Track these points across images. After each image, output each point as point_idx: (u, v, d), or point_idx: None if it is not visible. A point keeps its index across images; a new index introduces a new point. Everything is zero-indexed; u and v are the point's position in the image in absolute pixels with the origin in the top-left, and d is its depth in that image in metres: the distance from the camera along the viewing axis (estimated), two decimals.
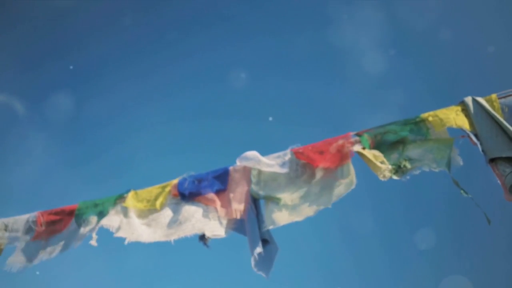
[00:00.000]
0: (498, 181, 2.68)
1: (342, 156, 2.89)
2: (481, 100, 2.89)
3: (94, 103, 8.39)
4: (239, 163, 3.14)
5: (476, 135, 2.78)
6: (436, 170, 2.71)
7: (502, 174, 2.62)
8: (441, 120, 2.84)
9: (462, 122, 2.82)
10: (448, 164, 2.69)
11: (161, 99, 8.53)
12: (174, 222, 3.01)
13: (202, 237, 2.99)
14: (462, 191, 2.62)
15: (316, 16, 7.90)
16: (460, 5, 7.11)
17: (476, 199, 2.62)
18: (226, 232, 2.93)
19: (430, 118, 2.87)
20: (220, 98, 8.50)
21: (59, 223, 3.25)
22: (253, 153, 3.07)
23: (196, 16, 8.34)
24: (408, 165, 2.76)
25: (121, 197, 3.23)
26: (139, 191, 3.26)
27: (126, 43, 8.50)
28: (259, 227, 2.88)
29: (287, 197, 2.90)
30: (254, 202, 3.01)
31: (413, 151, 2.83)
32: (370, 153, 2.84)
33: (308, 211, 2.78)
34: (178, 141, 8.26)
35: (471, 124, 2.82)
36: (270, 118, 7.24)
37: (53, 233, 3.22)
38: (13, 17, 7.81)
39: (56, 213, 3.30)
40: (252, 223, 2.88)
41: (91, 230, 3.08)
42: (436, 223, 6.84)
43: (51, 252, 3.13)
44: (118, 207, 3.16)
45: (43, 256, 3.15)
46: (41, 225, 3.24)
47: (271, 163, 3.01)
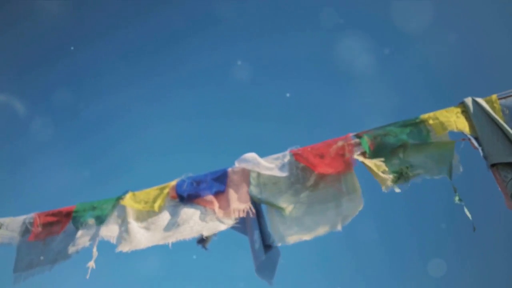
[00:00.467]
0: (499, 188, 2.63)
1: (343, 162, 2.87)
2: (481, 101, 2.84)
3: (93, 103, 8.39)
4: (237, 165, 3.11)
5: (477, 139, 2.74)
6: (437, 178, 2.69)
7: (503, 180, 2.57)
8: (441, 123, 2.81)
9: (463, 125, 2.78)
10: (450, 172, 2.66)
11: (161, 100, 8.52)
12: (172, 225, 2.99)
13: (201, 240, 2.99)
14: (456, 198, 2.60)
15: (315, 17, 7.88)
16: (459, 3, 7.09)
17: (477, 204, 2.60)
18: (226, 227, 2.90)
19: (431, 121, 2.84)
20: (219, 98, 8.50)
21: (56, 225, 3.23)
22: (252, 155, 3.04)
23: (195, 16, 8.33)
24: (410, 173, 2.74)
25: (119, 199, 3.22)
26: (137, 193, 3.24)
27: (126, 43, 8.50)
28: (261, 232, 2.87)
29: (291, 208, 2.87)
30: (255, 205, 2.98)
31: (414, 156, 2.80)
32: (371, 163, 2.81)
33: (317, 230, 2.76)
34: (177, 142, 8.25)
35: (471, 127, 2.78)
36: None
37: (50, 235, 3.20)
38: (13, 17, 7.80)
39: (53, 215, 3.28)
40: (253, 228, 2.86)
41: (91, 240, 3.04)
42: (440, 232, 6.82)
43: (51, 260, 3.11)
44: (116, 211, 3.15)
45: (43, 263, 3.12)
46: (37, 226, 3.22)
47: (270, 166, 2.98)
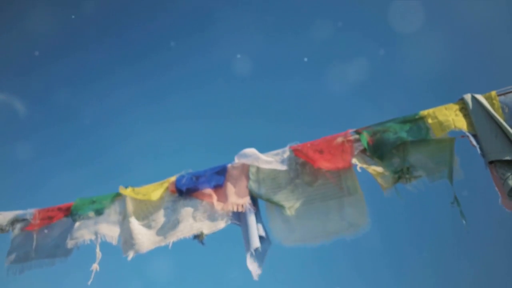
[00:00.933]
0: (495, 186, 2.63)
1: (342, 158, 2.87)
2: (480, 98, 2.83)
3: (93, 104, 8.40)
4: (237, 160, 3.12)
5: (475, 136, 2.74)
6: (438, 180, 2.70)
7: (501, 177, 2.57)
8: (440, 124, 2.80)
9: (462, 123, 2.78)
10: (450, 176, 2.67)
11: (161, 100, 8.53)
12: (172, 222, 3.01)
13: (197, 235, 2.99)
14: (452, 201, 2.61)
15: (313, 15, 7.90)
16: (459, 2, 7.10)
17: (476, 202, 2.59)
18: (224, 223, 2.92)
19: (430, 120, 2.83)
20: (219, 98, 8.50)
21: (54, 218, 3.26)
22: (251, 150, 3.05)
23: (195, 16, 8.35)
24: (410, 174, 2.74)
25: (118, 195, 3.22)
26: (137, 188, 3.25)
27: (125, 43, 8.51)
28: (257, 223, 2.87)
29: (291, 206, 2.88)
30: (253, 200, 2.99)
31: (414, 155, 2.80)
32: (370, 168, 2.82)
33: (321, 236, 2.78)
34: (177, 142, 8.25)
35: (470, 124, 2.77)
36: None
37: (47, 225, 3.24)
38: (13, 17, 7.82)
39: (52, 210, 3.31)
40: (250, 221, 2.86)
41: (90, 233, 3.05)
42: (441, 235, 6.81)
43: (49, 254, 3.11)
44: (116, 204, 3.16)
45: (40, 256, 3.13)
46: (36, 219, 3.24)
47: (269, 160, 2.99)
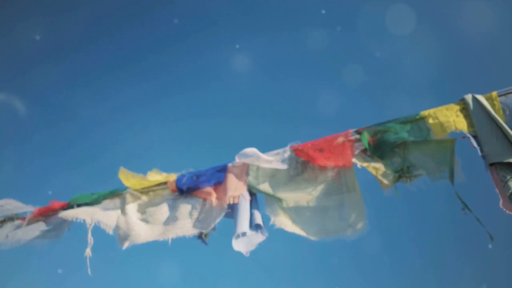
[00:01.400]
0: (496, 189, 2.61)
1: (343, 157, 2.87)
2: (481, 98, 2.83)
3: (93, 103, 8.39)
4: (238, 160, 3.13)
5: (476, 137, 2.73)
6: (439, 181, 2.69)
7: (501, 180, 2.56)
8: (441, 125, 2.80)
9: (462, 125, 2.78)
10: (451, 177, 2.66)
11: (161, 100, 8.51)
12: (171, 219, 3.00)
13: (200, 235, 3.00)
14: (464, 207, 2.58)
15: (313, 15, 7.90)
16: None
17: (477, 204, 2.58)
18: (220, 218, 2.91)
19: (431, 121, 2.83)
20: (218, 97, 8.49)
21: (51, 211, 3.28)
22: (252, 150, 3.05)
23: (194, 16, 8.34)
24: (411, 173, 2.74)
25: (119, 193, 3.22)
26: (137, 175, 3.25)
27: (126, 43, 8.50)
28: (253, 210, 2.88)
29: (290, 198, 2.88)
30: (251, 194, 3.00)
31: (414, 155, 2.80)
32: (370, 166, 2.82)
33: (317, 231, 2.76)
34: (177, 142, 8.24)
35: (471, 125, 2.77)
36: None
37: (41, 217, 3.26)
38: (13, 16, 7.82)
39: (51, 207, 3.33)
40: (242, 206, 2.87)
41: (86, 215, 3.03)
42: (441, 235, 6.81)
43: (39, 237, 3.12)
44: (115, 198, 3.16)
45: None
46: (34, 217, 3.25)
47: (270, 159, 3.00)
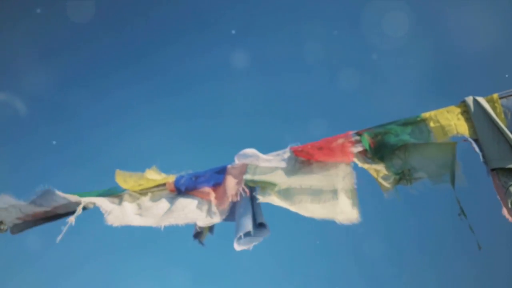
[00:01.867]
0: (497, 195, 2.60)
1: (342, 154, 2.86)
2: (482, 101, 2.81)
3: (94, 103, 8.39)
4: (237, 160, 3.12)
5: (477, 141, 2.71)
6: (439, 184, 2.67)
7: (503, 185, 2.53)
8: (442, 128, 2.78)
9: (464, 128, 2.76)
10: (452, 180, 2.64)
11: (161, 99, 8.53)
12: (166, 211, 3.00)
13: (198, 234, 3.00)
14: (460, 213, 2.56)
15: (314, 14, 7.90)
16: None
17: (478, 208, 2.56)
18: (220, 219, 2.90)
19: (432, 124, 2.81)
20: (219, 97, 8.49)
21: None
22: (251, 150, 3.06)
23: (194, 16, 8.35)
24: (411, 176, 2.73)
25: (117, 194, 3.21)
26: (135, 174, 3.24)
27: (126, 43, 8.51)
28: (253, 211, 2.87)
29: (283, 183, 2.87)
30: (250, 189, 2.98)
31: (415, 158, 2.78)
32: (371, 168, 2.80)
33: (308, 208, 2.72)
34: (177, 141, 8.24)
35: (472, 129, 2.75)
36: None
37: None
38: (14, 16, 7.83)
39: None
40: (244, 206, 2.87)
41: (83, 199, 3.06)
42: (441, 235, 6.80)
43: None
44: (114, 198, 3.16)
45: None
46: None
47: (269, 159, 3.01)
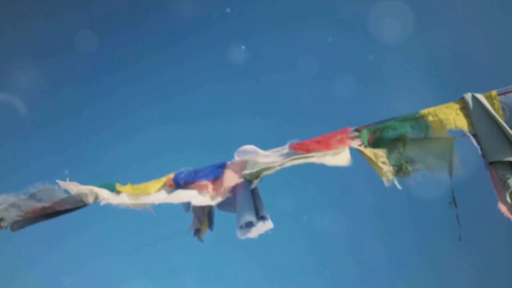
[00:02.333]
0: (494, 188, 2.63)
1: (340, 144, 2.89)
2: (481, 97, 2.84)
3: (94, 103, 8.40)
4: (237, 157, 3.14)
5: (475, 136, 2.74)
6: (437, 173, 2.70)
7: (501, 178, 2.56)
8: (441, 121, 2.81)
9: (462, 123, 2.79)
10: (450, 170, 2.67)
11: (161, 99, 8.54)
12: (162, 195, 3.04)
13: (197, 231, 3.02)
14: (452, 201, 2.61)
15: (312, 13, 7.93)
16: None
17: (476, 201, 2.59)
18: (215, 202, 2.94)
19: (430, 118, 2.83)
20: (219, 97, 8.50)
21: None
22: (251, 147, 3.08)
23: (194, 16, 8.37)
24: (409, 167, 2.75)
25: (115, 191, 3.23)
26: (135, 185, 3.25)
27: (127, 43, 8.53)
28: (255, 203, 2.89)
29: (276, 164, 2.91)
30: (250, 184, 2.99)
31: (413, 151, 2.80)
32: (371, 152, 2.81)
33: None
34: (178, 141, 8.26)
35: (470, 123, 2.78)
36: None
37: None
38: (14, 15, 7.85)
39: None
40: (244, 196, 2.90)
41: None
42: (441, 235, 6.81)
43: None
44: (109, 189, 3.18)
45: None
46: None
47: (268, 154, 3.03)
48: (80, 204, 3.21)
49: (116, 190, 3.17)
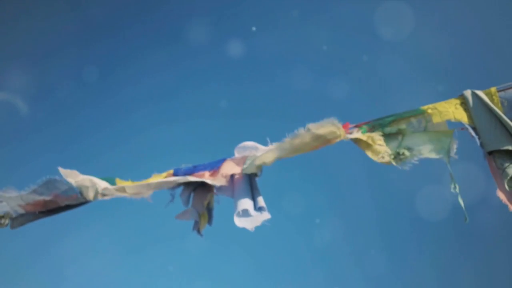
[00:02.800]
0: (492, 176, 2.68)
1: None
2: (480, 93, 2.87)
3: (95, 103, 8.41)
4: (237, 154, 3.14)
5: (474, 129, 2.78)
6: (435, 158, 2.71)
7: (499, 167, 2.61)
8: (440, 112, 2.85)
9: (461, 115, 2.83)
10: (447, 153, 2.70)
11: (161, 99, 8.55)
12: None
13: (196, 225, 3.02)
14: (452, 185, 2.63)
15: (310, 12, 7.94)
16: None
17: (476, 201, 2.60)
18: (212, 183, 2.95)
19: (429, 111, 2.87)
20: (219, 97, 8.51)
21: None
22: (251, 143, 3.08)
23: (194, 16, 8.39)
24: (407, 153, 2.76)
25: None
26: (136, 182, 3.25)
27: (127, 42, 8.54)
28: (253, 195, 2.90)
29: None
30: (249, 176, 3.00)
31: (412, 141, 2.83)
32: (368, 137, 2.83)
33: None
34: (178, 141, 8.26)
35: (469, 117, 2.82)
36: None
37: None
38: (14, 16, 7.87)
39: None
40: (242, 185, 2.91)
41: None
42: (441, 235, 6.81)
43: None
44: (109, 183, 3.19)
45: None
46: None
47: (267, 149, 3.00)
48: (80, 201, 3.22)
49: (116, 185, 3.18)
